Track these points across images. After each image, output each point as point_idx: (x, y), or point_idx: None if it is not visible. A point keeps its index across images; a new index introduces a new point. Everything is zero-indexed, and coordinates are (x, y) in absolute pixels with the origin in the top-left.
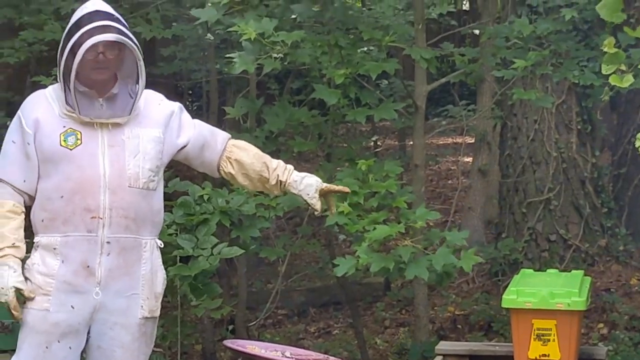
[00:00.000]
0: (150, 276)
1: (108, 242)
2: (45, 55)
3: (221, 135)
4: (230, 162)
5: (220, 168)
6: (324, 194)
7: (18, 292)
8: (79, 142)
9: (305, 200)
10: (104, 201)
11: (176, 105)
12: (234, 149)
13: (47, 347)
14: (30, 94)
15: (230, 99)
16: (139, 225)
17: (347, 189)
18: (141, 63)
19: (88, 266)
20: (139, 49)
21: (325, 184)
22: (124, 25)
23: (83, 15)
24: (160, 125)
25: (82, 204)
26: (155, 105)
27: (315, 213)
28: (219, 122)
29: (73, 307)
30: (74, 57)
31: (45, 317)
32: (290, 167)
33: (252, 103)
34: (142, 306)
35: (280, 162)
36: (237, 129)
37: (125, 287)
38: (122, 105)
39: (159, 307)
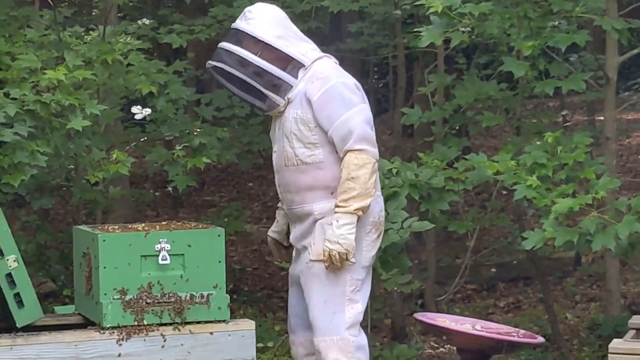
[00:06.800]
0: (320, 227)
1: (289, 214)
2: None
3: (343, 147)
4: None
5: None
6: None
7: None
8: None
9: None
10: (276, 181)
11: (326, 91)
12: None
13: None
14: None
15: (417, 75)
16: (304, 196)
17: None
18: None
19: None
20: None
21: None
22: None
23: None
24: (305, 105)
25: None
26: (309, 84)
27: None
28: (406, 97)
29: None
30: None
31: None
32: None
33: (441, 78)
34: (308, 252)
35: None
36: (425, 104)
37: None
38: (285, 89)
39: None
